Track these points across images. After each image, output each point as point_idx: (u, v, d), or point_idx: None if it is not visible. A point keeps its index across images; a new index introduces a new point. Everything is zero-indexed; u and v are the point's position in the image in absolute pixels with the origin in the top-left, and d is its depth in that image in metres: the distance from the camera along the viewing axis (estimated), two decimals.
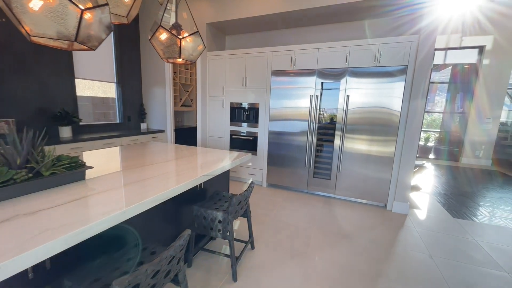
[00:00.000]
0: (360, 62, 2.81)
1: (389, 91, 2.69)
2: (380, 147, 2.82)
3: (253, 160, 3.63)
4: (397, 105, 2.68)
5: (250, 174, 3.70)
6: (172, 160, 1.84)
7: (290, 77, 3.16)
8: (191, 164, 1.72)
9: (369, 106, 2.80)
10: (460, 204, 3.19)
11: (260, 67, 3.36)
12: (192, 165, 1.71)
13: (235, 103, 3.60)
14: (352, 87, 2.85)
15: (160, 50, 1.65)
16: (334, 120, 3.01)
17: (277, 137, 3.37)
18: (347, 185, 3.06)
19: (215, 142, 3.88)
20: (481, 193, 3.64)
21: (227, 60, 3.56)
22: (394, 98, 2.68)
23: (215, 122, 3.83)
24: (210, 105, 3.83)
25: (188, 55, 1.72)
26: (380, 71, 2.69)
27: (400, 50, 2.61)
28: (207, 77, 3.76)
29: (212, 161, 1.86)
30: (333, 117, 3.01)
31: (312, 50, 3.02)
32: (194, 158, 1.94)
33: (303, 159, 3.25)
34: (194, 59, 1.82)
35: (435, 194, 3.54)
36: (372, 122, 2.82)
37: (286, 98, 3.22)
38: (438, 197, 3.41)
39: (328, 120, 3.06)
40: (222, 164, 1.76)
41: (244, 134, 3.62)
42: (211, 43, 3.77)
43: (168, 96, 4.12)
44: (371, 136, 2.84)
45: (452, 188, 3.84)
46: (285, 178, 3.43)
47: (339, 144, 3.01)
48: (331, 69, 2.94)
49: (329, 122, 3.05)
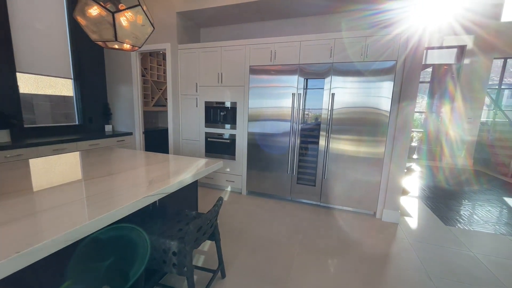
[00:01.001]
0: (346, 57, 2.54)
1: (377, 90, 2.44)
2: (368, 148, 2.57)
3: (231, 165, 3.28)
4: (386, 105, 2.44)
5: (228, 181, 3.34)
6: (116, 173, 1.44)
7: (270, 73, 2.84)
8: (139, 179, 1.34)
9: (356, 106, 2.54)
10: (449, 209, 3.02)
11: (237, 62, 3.01)
12: (141, 180, 1.34)
13: (211, 102, 3.23)
14: (338, 86, 2.58)
15: (88, 28, 1.25)
16: (318, 120, 2.73)
17: (257, 138, 3.04)
18: (334, 192, 2.79)
19: (189, 146, 3.48)
20: (468, 195, 3.53)
21: (201, 54, 3.18)
22: (382, 97, 2.44)
23: (188, 123, 3.43)
24: (183, 104, 3.42)
25: (128, 37, 1.34)
26: (367, 68, 2.44)
27: (389, 44, 2.38)
28: (179, 73, 3.36)
29: (171, 173, 1.49)
30: (318, 117, 2.73)
31: (294, 43, 2.72)
32: (151, 169, 1.56)
33: (285, 164, 2.95)
34: (139, 44, 1.44)
35: (423, 198, 3.38)
36: (359, 123, 2.56)
37: (266, 97, 2.90)
38: (426, 202, 3.24)
39: (312, 120, 2.77)
40: (181, 177, 1.39)
41: (221, 137, 3.26)
42: (183, 35, 3.37)
43: (136, 94, 3.66)
44: (358, 136, 2.59)
45: (439, 191, 3.70)
46: (266, 185, 3.11)
47: (325, 145, 2.73)
48: (314, 64, 2.65)
49: (314, 123, 2.76)
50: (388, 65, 2.38)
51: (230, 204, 2.96)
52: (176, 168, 1.61)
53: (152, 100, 4.59)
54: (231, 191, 3.38)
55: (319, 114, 2.72)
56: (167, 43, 3.30)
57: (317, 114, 2.73)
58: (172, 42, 3.28)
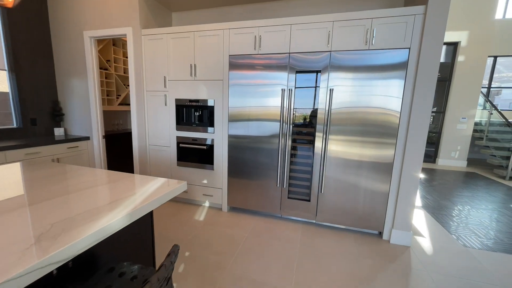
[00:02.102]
0: (346, 44, 2.06)
1: (386, 85, 1.99)
2: (375, 150, 2.11)
3: (209, 176, 2.71)
4: (395, 103, 2.00)
5: (205, 196, 2.77)
6: (12, 210, 0.85)
7: (254, 64, 2.32)
8: (19, 235, 0.76)
9: (359, 106, 2.08)
10: (460, 222, 2.64)
11: (214, 50, 2.45)
12: (21, 236, 0.75)
13: (182, 99, 2.65)
14: (338, 84, 2.10)
15: None
16: (313, 120, 2.24)
17: (240, 143, 2.51)
18: (332, 208, 2.32)
19: (158, 153, 2.87)
20: (475, 204, 3.19)
21: (170, 41, 2.59)
22: (391, 93, 1.99)
23: (156, 125, 2.83)
24: (149, 103, 2.81)
25: None
26: (373, 57, 1.98)
27: (400, 27, 1.92)
28: (143, 64, 2.75)
29: (92, 211, 0.92)
30: (312, 116, 2.24)
31: (283, 27, 2.20)
32: (62, 202, 0.97)
33: (274, 174, 2.43)
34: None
35: (428, 208, 2.99)
36: (363, 123, 2.10)
37: (250, 93, 2.37)
38: (433, 213, 2.85)
39: (305, 120, 2.27)
40: (105, 221, 0.83)
41: (196, 142, 2.68)
42: (148, 19, 2.76)
43: (92, 90, 3.00)
44: (363, 137, 2.13)
45: (443, 199, 3.34)
46: (251, 200, 2.58)
47: (322, 148, 2.25)
48: (308, 53, 2.15)
49: (307, 123, 2.27)
50: (399, 54, 1.93)
51: (206, 225, 2.40)
52: (110, 198, 1.04)
53: (117, 98, 3.92)
54: (210, 207, 2.82)
55: (313, 113, 2.23)
56: (128, 27, 2.68)
57: (311, 113, 2.24)
58: (134, 26, 2.66)
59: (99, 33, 2.80)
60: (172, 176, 2.86)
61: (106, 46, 3.62)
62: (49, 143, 2.69)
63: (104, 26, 2.79)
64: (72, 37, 2.96)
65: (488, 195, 3.55)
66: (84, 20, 2.86)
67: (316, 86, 2.19)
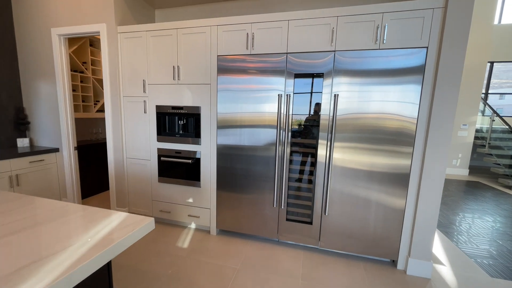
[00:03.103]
0: (353, 43, 1.78)
1: (400, 90, 1.71)
2: (388, 159, 1.82)
3: (195, 194, 2.36)
4: (411, 109, 1.72)
5: (191, 217, 2.41)
6: None
7: (246, 66, 2.01)
8: None
9: (368, 112, 1.79)
10: (481, 244, 2.36)
11: (200, 50, 2.14)
12: None
13: (164, 106, 2.30)
14: (343, 90, 1.81)
15: None
16: (313, 131, 1.93)
17: (230, 154, 2.17)
18: (338, 231, 1.99)
19: (137, 167, 2.50)
20: (488, 220, 2.93)
21: (150, 39, 2.26)
22: (406, 98, 1.71)
23: (134, 136, 2.47)
24: (126, 110, 2.45)
25: None
26: (384, 60, 1.70)
27: (416, 23, 1.65)
28: (119, 65, 2.40)
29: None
30: (312, 124, 1.93)
31: (279, 23, 1.91)
32: None
33: (270, 191, 2.10)
34: None
35: (441, 226, 2.71)
36: (374, 130, 1.80)
37: (241, 99, 2.05)
38: (447, 232, 2.56)
39: (305, 127, 1.96)
40: None
41: (179, 155, 2.33)
42: (127, 15, 2.43)
43: (61, 94, 2.62)
44: (374, 145, 1.83)
45: (452, 213, 3.07)
46: (244, 221, 2.23)
47: (325, 159, 1.93)
48: (309, 53, 1.86)
49: (308, 131, 1.96)
50: (415, 54, 1.66)
51: (191, 254, 2.03)
52: (30, 257, 0.69)
53: (95, 104, 3.54)
54: (197, 230, 2.45)
55: (315, 119, 1.92)
56: (102, 23, 2.34)
57: (313, 119, 1.93)
58: (109, 22, 2.33)
59: (69, 30, 2.45)
60: (152, 194, 2.48)
61: (82, 46, 3.26)
62: (7, 156, 2.29)
63: (74, 23, 2.44)
64: (39, 35, 2.60)
65: (498, 208, 3.30)
66: (52, 15, 2.51)
67: (318, 92, 1.89)
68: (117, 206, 2.62)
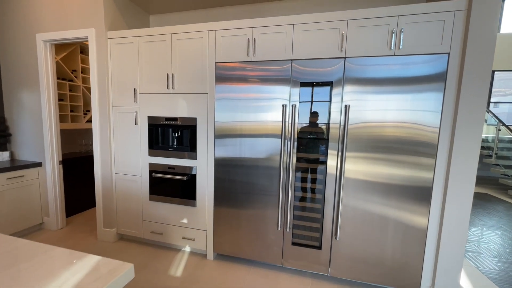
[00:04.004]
0: (365, 49, 1.61)
1: (419, 99, 1.54)
2: (408, 171, 1.63)
3: (190, 214, 2.13)
4: (432, 117, 1.54)
5: (186, 239, 2.17)
6: None
7: (246, 75, 1.83)
8: None
9: (383, 121, 1.61)
10: (508, 271, 2.15)
11: (196, 57, 1.96)
12: None
13: (157, 117, 2.11)
14: (354, 99, 1.64)
15: None
16: (320, 143, 1.74)
17: (229, 168, 1.96)
18: (350, 256, 1.77)
19: (126, 184, 2.28)
20: (507, 239, 2.72)
21: (142, 45, 2.09)
22: (426, 107, 1.54)
23: (124, 149, 2.25)
24: (115, 121, 2.25)
25: None
26: (400, 68, 1.53)
27: (436, 26, 1.50)
28: (109, 73, 2.21)
29: None
30: (320, 134, 1.75)
31: (284, 27, 1.75)
32: None
33: (273, 211, 1.89)
34: None
35: None
36: (391, 140, 1.62)
37: (241, 110, 1.87)
38: (467, 253, 2.35)
39: (312, 140, 1.77)
40: None
41: (173, 171, 2.12)
42: (118, 20, 2.26)
43: (45, 104, 2.42)
44: (390, 155, 1.63)
45: (470, 231, 2.86)
46: (245, 245, 2.00)
47: (336, 176, 1.73)
48: (316, 60, 1.69)
49: (317, 146, 1.77)
50: (435, 61, 1.50)
51: (185, 282, 1.79)
52: None
53: (86, 115, 3.33)
54: (192, 253, 2.21)
55: (324, 129, 1.74)
56: (90, 28, 2.17)
57: (321, 129, 1.75)
58: (98, 27, 2.15)
59: (55, 36, 2.27)
60: (143, 213, 2.25)
61: (72, 53, 3.08)
62: None
63: (61, 28, 2.27)
64: (23, 41, 2.41)
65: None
66: (37, 20, 2.33)
67: (327, 101, 1.71)
68: (104, 227, 2.38)
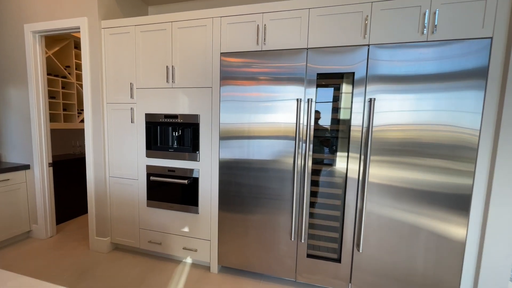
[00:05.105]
0: (392, 34, 1.42)
1: (456, 97, 1.34)
2: (441, 177, 1.42)
3: (192, 222, 1.92)
4: (471, 119, 1.34)
5: (187, 250, 1.95)
6: None
7: (256, 65, 1.63)
8: None
9: (412, 123, 1.41)
10: None
11: (199, 47, 1.77)
12: None
13: (155, 115, 1.90)
14: (381, 98, 1.44)
15: None
16: (342, 143, 1.54)
17: (235, 171, 1.75)
18: (374, 271, 1.56)
19: (121, 188, 2.07)
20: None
21: (139, 35, 1.89)
22: (464, 107, 1.34)
23: (119, 150, 2.05)
24: (110, 119, 2.05)
25: None
26: (434, 52, 1.34)
27: (475, 6, 1.30)
28: (103, 66, 2.01)
29: None
30: (338, 132, 1.55)
31: (298, 11, 1.55)
32: None
33: (286, 217, 1.68)
34: None
35: None
36: (421, 143, 1.42)
37: (250, 107, 1.67)
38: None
39: (327, 141, 1.57)
40: None
41: (173, 174, 1.91)
42: (113, 10, 2.08)
43: (33, 102, 2.22)
44: (420, 159, 1.43)
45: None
46: (253, 257, 1.79)
47: (358, 181, 1.53)
48: (335, 48, 1.50)
49: (336, 147, 1.57)
50: (475, 47, 1.30)
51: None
52: None
53: (80, 114, 3.13)
54: (194, 266, 2.00)
55: (343, 129, 1.54)
56: (82, 17, 1.97)
57: (340, 129, 1.55)
58: (91, 16, 1.96)
59: (45, 26, 2.08)
60: (140, 221, 2.04)
61: (65, 48, 2.89)
62: None
63: (51, 17, 2.07)
64: (11, 32, 2.22)
65: None
66: (25, 9, 2.14)
67: (347, 93, 1.51)
68: (96, 235, 2.16)
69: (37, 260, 2.04)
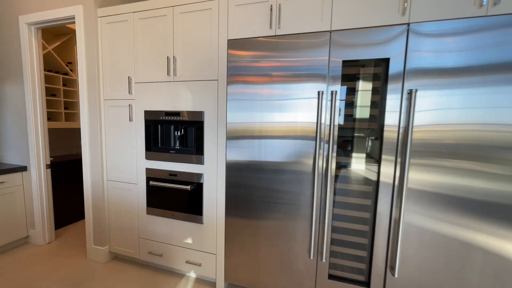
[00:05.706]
0: (439, 9, 1.14)
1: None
2: (496, 184, 1.13)
3: (195, 233, 1.70)
4: None
5: (190, 264, 1.74)
6: None
7: (269, 53, 1.39)
8: None
9: (462, 123, 1.13)
10: None
11: (204, 34, 1.54)
12: None
13: (155, 112, 1.70)
14: (420, 85, 1.17)
15: None
16: (372, 145, 1.28)
17: (244, 173, 1.52)
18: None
19: (120, 193, 1.88)
20: None
21: (138, 23, 1.69)
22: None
23: (117, 151, 1.86)
24: (107, 117, 1.87)
25: None
26: (492, 38, 1.06)
27: None
28: (99, 59, 1.83)
29: None
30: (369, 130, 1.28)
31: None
32: None
33: (303, 231, 1.43)
34: None
35: None
36: (479, 145, 1.14)
37: (261, 104, 1.43)
38: None
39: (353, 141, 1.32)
40: None
41: (174, 178, 1.70)
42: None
43: (29, 100, 2.08)
44: (467, 162, 1.15)
45: None
46: (265, 275, 1.55)
47: (392, 189, 1.26)
48: (365, 29, 1.23)
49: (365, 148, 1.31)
50: None
51: None
52: None
53: None
54: (198, 281, 1.78)
55: (373, 128, 1.28)
56: (78, 5, 1.80)
57: (372, 127, 1.29)
58: (87, 4, 1.78)
59: (40, 17, 1.92)
60: (139, 229, 1.85)
61: (67, 43, 2.75)
62: None
63: (46, 7, 1.92)
64: (5, 25, 2.09)
65: None
66: (19, 0, 2.00)
67: (377, 87, 1.25)
68: (94, 244, 1.99)
69: (32, 269, 1.89)
